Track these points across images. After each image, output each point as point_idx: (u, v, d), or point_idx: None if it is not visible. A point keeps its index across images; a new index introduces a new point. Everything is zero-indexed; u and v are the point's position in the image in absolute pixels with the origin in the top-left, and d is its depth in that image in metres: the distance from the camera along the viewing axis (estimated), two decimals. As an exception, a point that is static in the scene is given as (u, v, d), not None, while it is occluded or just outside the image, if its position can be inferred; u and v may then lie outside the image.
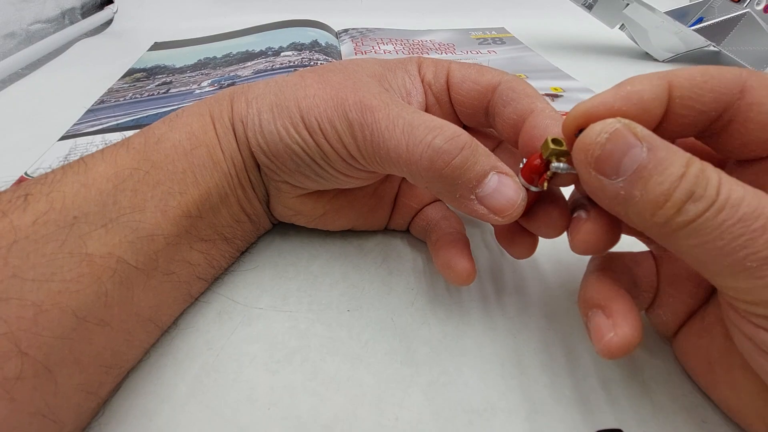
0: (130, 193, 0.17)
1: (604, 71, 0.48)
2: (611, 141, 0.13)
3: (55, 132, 0.36)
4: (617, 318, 0.15)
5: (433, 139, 0.16)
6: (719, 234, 0.12)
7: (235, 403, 0.17)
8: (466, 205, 0.17)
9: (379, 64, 0.22)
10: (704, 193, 0.12)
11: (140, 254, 0.17)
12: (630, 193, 0.13)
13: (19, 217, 0.15)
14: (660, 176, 0.12)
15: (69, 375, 0.15)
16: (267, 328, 0.20)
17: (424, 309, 0.21)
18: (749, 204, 0.12)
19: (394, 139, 0.17)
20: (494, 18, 0.65)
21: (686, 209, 0.12)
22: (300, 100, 0.19)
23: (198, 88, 0.43)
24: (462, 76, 0.21)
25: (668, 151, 0.13)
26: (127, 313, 0.17)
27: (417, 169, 0.17)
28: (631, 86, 0.14)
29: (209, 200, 0.20)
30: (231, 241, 0.22)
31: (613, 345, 0.14)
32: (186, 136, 0.20)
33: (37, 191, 0.16)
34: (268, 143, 0.20)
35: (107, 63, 0.51)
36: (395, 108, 0.18)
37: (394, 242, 0.25)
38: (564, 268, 0.23)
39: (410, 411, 0.17)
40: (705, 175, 0.12)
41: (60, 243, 0.15)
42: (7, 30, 0.52)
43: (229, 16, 0.65)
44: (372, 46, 0.55)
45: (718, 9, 0.51)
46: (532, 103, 0.18)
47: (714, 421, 0.16)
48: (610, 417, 0.17)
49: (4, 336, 0.13)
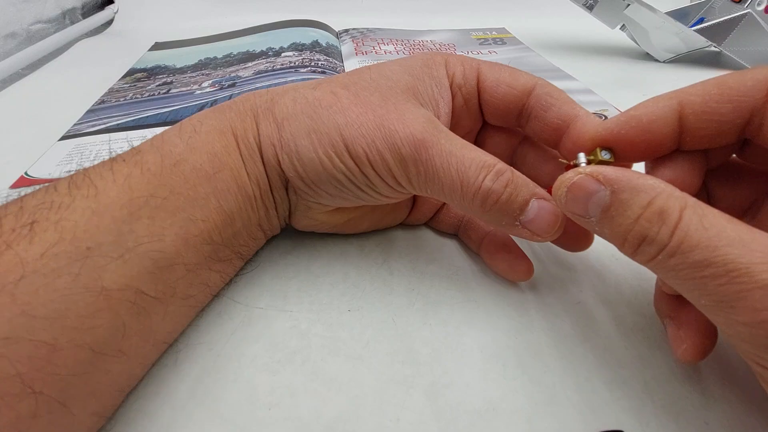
0: (147, 221, 0.16)
1: (604, 72, 0.48)
2: (570, 191, 0.15)
3: (56, 132, 0.36)
4: (687, 330, 0.16)
5: (484, 180, 0.17)
6: (674, 275, 0.13)
7: (236, 404, 0.17)
8: (510, 230, 0.18)
9: (407, 72, 0.21)
10: (656, 237, 0.13)
11: (159, 284, 0.16)
12: (601, 230, 0.15)
13: (25, 249, 0.14)
14: (620, 218, 0.14)
15: (84, 406, 0.14)
16: (267, 328, 0.20)
17: (425, 309, 0.21)
18: (701, 251, 0.12)
19: (449, 178, 0.18)
20: (495, 18, 0.65)
21: (641, 250, 0.14)
22: (342, 128, 0.18)
23: (199, 89, 0.43)
24: (495, 79, 0.21)
25: (631, 193, 0.14)
26: (145, 341, 0.16)
27: (468, 205, 0.18)
28: (633, 111, 0.16)
29: (232, 226, 0.19)
30: (244, 257, 0.22)
31: (687, 354, 0.16)
32: (208, 158, 0.18)
33: (44, 218, 0.14)
34: (307, 170, 0.19)
35: (108, 63, 0.51)
36: (446, 143, 0.18)
37: (395, 242, 0.25)
38: (564, 268, 0.23)
39: (412, 412, 0.17)
40: (662, 217, 0.13)
41: (73, 277, 0.14)
42: (7, 30, 0.52)
43: (230, 16, 0.65)
44: (372, 46, 0.55)
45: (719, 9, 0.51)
46: (573, 109, 0.19)
47: (717, 422, 0.16)
48: (612, 418, 0.16)
49: (17, 377, 0.12)
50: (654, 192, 0.14)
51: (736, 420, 0.16)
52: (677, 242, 0.13)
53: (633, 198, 0.14)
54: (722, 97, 0.15)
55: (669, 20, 0.46)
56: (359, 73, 0.21)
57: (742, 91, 0.15)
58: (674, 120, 0.16)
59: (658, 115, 0.16)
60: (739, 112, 0.15)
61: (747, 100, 0.15)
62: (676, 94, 0.16)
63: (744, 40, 0.47)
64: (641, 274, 0.22)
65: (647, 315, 0.20)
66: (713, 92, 0.15)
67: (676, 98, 0.15)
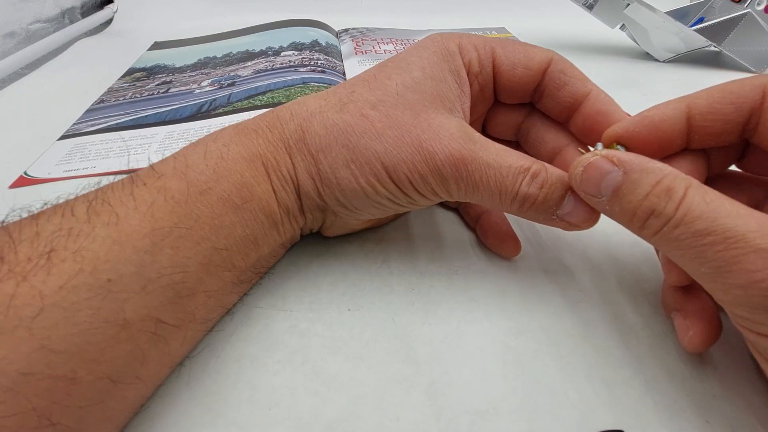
0: (171, 251, 0.16)
1: (604, 71, 0.48)
2: (586, 171, 0.16)
3: (55, 131, 0.36)
4: (693, 318, 0.17)
5: (520, 185, 0.18)
6: (677, 245, 0.15)
7: (236, 404, 0.17)
8: (548, 223, 0.19)
9: (429, 77, 0.20)
10: (663, 210, 0.15)
11: (179, 312, 0.16)
12: (612, 208, 0.16)
13: (43, 281, 0.13)
14: (630, 195, 0.15)
15: (99, 430, 0.14)
16: (267, 328, 0.20)
17: (425, 309, 0.21)
18: (703, 221, 0.14)
19: (488, 190, 0.19)
20: (495, 18, 0.65)
21: (648, 224, 0.15)
22: (382, 156, 0.19)
23: (198, 88, 0.43)
24: (511, 62, 0.21)
25: (641, 173, 0.15)
26: (162, 365, 0.16)
27: (507, 209, 0.19)
28: (646, 112, 0.18)
29: (257, 251, 0.19)
30: (262, 273, 0.22)
31: (693, 341, 0.17)
32: (236, 188, 0.18)
33: (62, 247, 0.14)
34: (349, 198, 0.20)
35: (107, 62, 0.51)
36: (483, 155, 0.18)
37: (395, 242, 0.24)
38: (564, 268, 0.23)
39: (412, 411, 0.17)
40: (669, 193, 0.15)
41: (94, 311, 0.13)
42: (6, 29, 0.52)
43: (229, 15, 0.65)
44: (372, 45, 0.55)
45: (719, 9, 0.51)
46: (585, 86, 0.21)
47: (717, 422, 0.16)
48: (612, 418, 0.16)
49: (33, 412, 0.12)
50: (662, 173, 0.15)
51: (736, 419, 0.16)
52: (681, 214, 0.14)
53: (643, 177, 0.15)
54: (725, 99, 0.17)
55: (669, 20, 0.46)
56: (381, 83, 0.20)
57: (742, 93, 0.17)
58: (682, 120, 0.17)
59: (668, 115, 0.17)
60: (739, 112, 0.17)
61: (746, 101, 0.17)
62: (684, 98, 0.18)
63: (744, 39, 0.47)
64: (641, 275, 0.22)
65: (647, 315, 0.20)
66: (717, 95, 0.17)
67: (684, 101, 0.17)
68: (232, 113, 0.38)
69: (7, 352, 0.12)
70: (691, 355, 0.18)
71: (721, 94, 0.17)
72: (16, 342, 0.12)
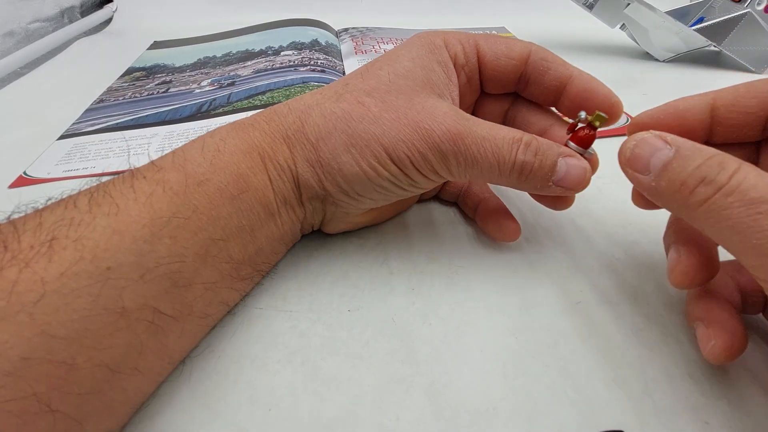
0: (169, 241, 0.16)
1: (604, 71, 0.48)
2: (638, 146, 0.16)
3: (55, 131, 0.36)
4: (716, 328, 0.17)
5: (516, 154, 0.19)
6: (728, 214, 0.14)
7: (236, 404, 0.17)
8: (545, 191, 0.20)
9: (419, 66, 0.21)
10: (715, 178, 0.14)
11: (176, 303, 0.16)
12: (658, 184, 0.16)
13: (44, 268, 0.13)
14: (680, 168, 0.15)
15: (99, 422, 0.14)
16: (267, 328, 0.20)
17: (425, 309, 0.21)
18: (758, 191, 0.13)
19: (487, 161, 0.19)
20: (494, 18, 0.65)
21: (698, 191, 0.15)
22: (380, 138, 0.19)
23: (198, 88, 0.43)
24: (494, 53, 0.22)
25: (693, 150, 0.15)
26: (161, 359, 0.16)
27: (506, 180, 0.20)
28: (673, 102, 0.18)
29: (254, 243, 0.19)
30: (264, 272, 0.22)
31: (715, 351, 0.16)
32: (232, 179, 0.18)
33: (63, 236, 0.14)
34: (352, 184, 0.20)
35: (106, 62, 0.51)
36: (478, 129, 0.19)
37: (395, 242, 0.24)
38: (565, 268, 0.23)
39: (411, 411, 0.17)
40: (721, 165, 0.14)
41: (93, 297, 0.14)
42: (6, 29, 0.52)
43: (229, 15, 0.65)
44: (372, 45, 0.55)
45: (719, 9, 0.51)
46: (567, 69, 0.21)
47: (717, 422, 0.16)
48: (612, 418, 0.16)
49: (34, 397, 0.12)
50: (714, 151, 0.15)
51: (736, 420, 0.16)
52: (736, 183, 0.14)
53: (695, 153, 0.15)
54: (749, 93, 0.17)
55: (669, 19, 0.46)
56: (374, 74, 0.21)
57: (765, 88, 0.17)
58: (706, 111, 0.18)
59: (693, 105, 0.18)
60: (762, 105, 0.17)
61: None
62: (710, 92, 0.18)
63: (744, 39, 0.47)
64: (641, 275, 0.22)
65: (647, 315, 0.20)
66: (742, 89, 0.18)
67: (711, 94, 0.18)
68: (231, 113, 0.38)
69: (9, 337, 0.12)
70: (690, 357, 0.18)
71: (746, 88, 0.17)
72: (18, 327, 0.12)
